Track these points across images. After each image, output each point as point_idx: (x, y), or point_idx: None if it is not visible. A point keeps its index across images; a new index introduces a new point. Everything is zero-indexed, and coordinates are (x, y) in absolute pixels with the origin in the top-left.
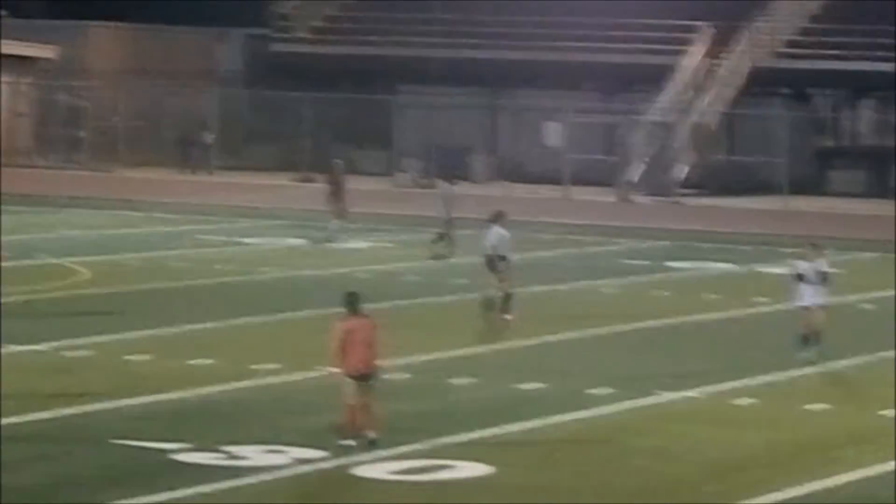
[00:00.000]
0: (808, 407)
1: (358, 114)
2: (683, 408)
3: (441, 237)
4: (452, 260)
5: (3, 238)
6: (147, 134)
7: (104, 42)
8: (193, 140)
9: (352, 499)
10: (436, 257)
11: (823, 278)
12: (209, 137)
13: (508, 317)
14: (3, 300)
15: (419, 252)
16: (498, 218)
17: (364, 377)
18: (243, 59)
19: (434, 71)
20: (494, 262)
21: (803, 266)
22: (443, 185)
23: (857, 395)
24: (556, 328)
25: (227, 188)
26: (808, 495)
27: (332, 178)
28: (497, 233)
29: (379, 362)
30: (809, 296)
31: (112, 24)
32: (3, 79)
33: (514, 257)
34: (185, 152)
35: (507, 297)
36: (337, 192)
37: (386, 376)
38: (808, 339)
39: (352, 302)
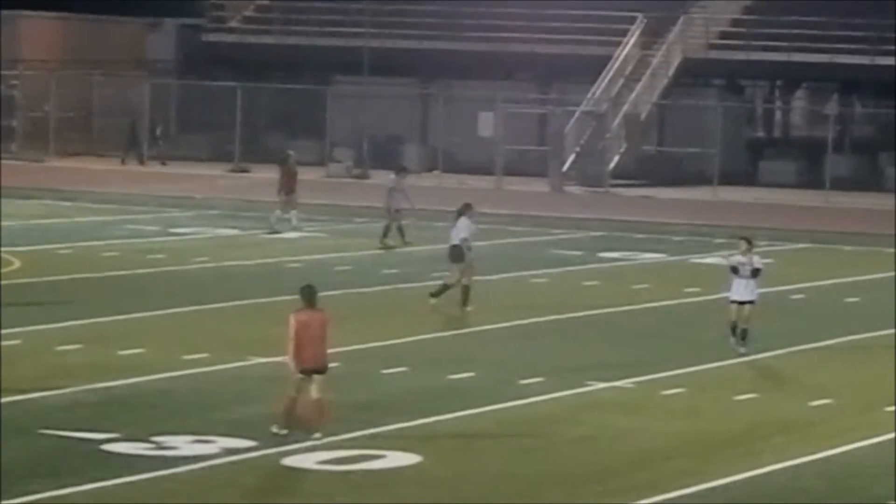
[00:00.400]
0: (737, 397)
1: (291, 104)
2: (614, 398)
3: (388, 229)
4: (390, 250)
5: None
6: (79, 124)
7: (36, 31)
8: (139, 132)
9: (281, 489)
10: (386, 248)
11: (754, 274)
12: (158, 129)
13: (469, 308)
14: None
15: (350, 242)
16: (466, 209)
17: (315, 371)
18: (176, 49)
19: (367, 61)
20: (462, 253)
21: (737, 259)
22: (389, 177)
23: (785, 385)
24: (487, 318)
25: (159, 178)
26: (734, 484)
27: (286, 170)
28: (466, 224)
29: (326, 359)
30: (740, 291)
31: (44, 13)
32: None
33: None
34: (133, 143)
35: (468, 289)
36: (289, 183)
37: None
38: (736, 329)
39: (308, 295)
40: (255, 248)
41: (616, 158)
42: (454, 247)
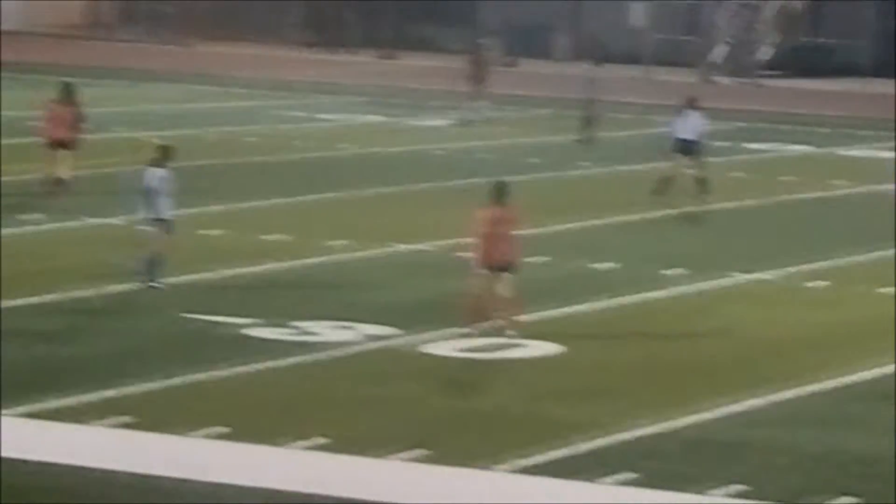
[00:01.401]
0: (881, 290)
1: None
2: (756, 289)
3: (587, 120)
4: (531, 139)
5: (84, 111)
6: (229, 9)
7: None
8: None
9: (420, 376)
10: (585, 140)
11: None
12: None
13: (709, 197)
14: (82, 172)
15: (496, 130)
16: (692, 103)
17: (502, 268)
18: None
19: None
20: (692, 147)
21: None
22: (586, 67)
23: None
24: (632, 209)
25: (306, 64)
26: (876, 376)
27: (476, 59)
28: (696, 118)
29: (515, 255)
30: None
31: None
32: None
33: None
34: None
35: (703, 181)
36: (479, 73)
37: (458, 253)
38: None
39: (499, 191)
40: (400, 136)
41: (768, 50)
42: (682, 140)
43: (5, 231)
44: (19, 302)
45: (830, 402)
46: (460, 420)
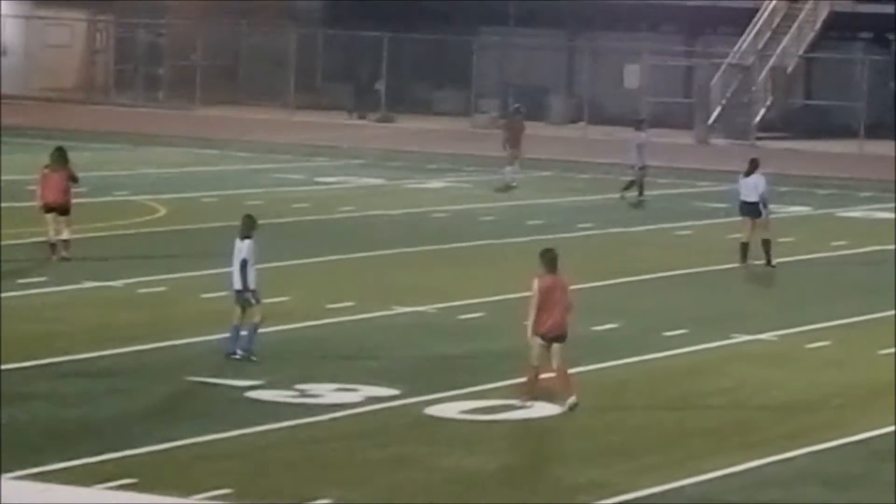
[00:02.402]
0: (882, 351)
1: (437, 54)
2: (758, 350)
3: (631, 184)
4: (530, 201)
5: (81, 174)
6: (225, 72)
7: None
8: (364, 86)
9: (423, 437)
10: (628, 201)
11: None
12: (380, 84)
13: (773, 264)
14: (81, 236)
15: (496, 193)
16: (755, 167)
17: (555, 339)
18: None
19: (513, 12)
20: (758, 209)
21: None
22: (635, 133)
23: None
24: (631, 270)
25: (305, 127)
26: (878, 437)
27: (511, 124)
28: (760, 180)
29: (566, 324)
30: None
31: None
32: (81, 16)
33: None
34: (357, 98)
35: (769, 243)
36: (514, 137)
37: (461, 316)
38: None
39: (549, 260)
40: (400, 198)
41: (762, 111)
42: (749, 203)
43: (7, 294)
44: (23, 364)
45: (834, 462)
46: (466, 481)
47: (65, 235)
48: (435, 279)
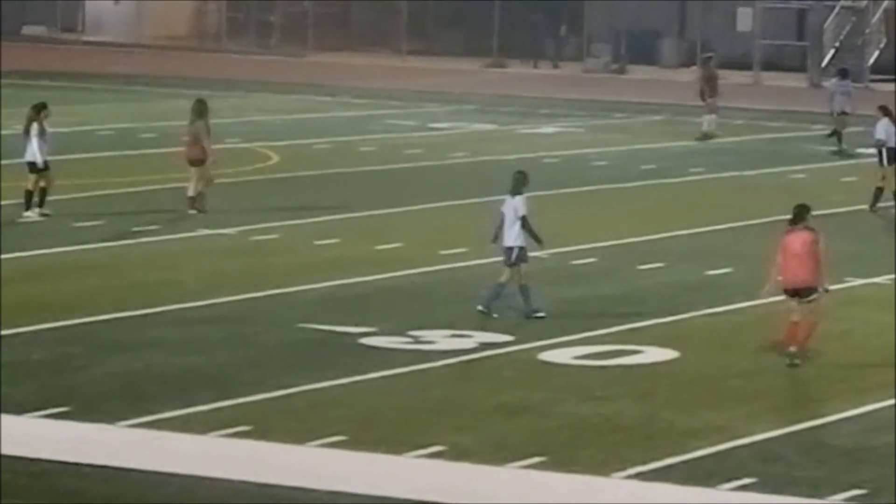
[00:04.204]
0: None
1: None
2: (872, 293)
3: (834, 133)
4: (643, 145)
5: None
6: (338, 19)
7: None
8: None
9: (537, 383)
10: (840, 153)
11: None
12: (563, 30)
13: (878, 206)
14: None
15: (608, 137)
16: (887, 111)
17: (796, 292)
18: None
19: None
20: (885, 155)
21: None
22: (833, 81)
23: None
24: (744, 214)
25: (417, 73)
26: None
27: (706, 72)
28: (887, 126)
29: (817, 278)
30: None
31: None
32: None
33: None
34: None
35: (880, 191)
36: (710, 86)
37: (574, 261)
38: None
39: (797, 213)
40: (512, 143)
41: (876, 53)
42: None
43: (122, 243)
44: (139, 312)
45: None
46: (578, 427)
47: (196, 187)
48: (548, 224)
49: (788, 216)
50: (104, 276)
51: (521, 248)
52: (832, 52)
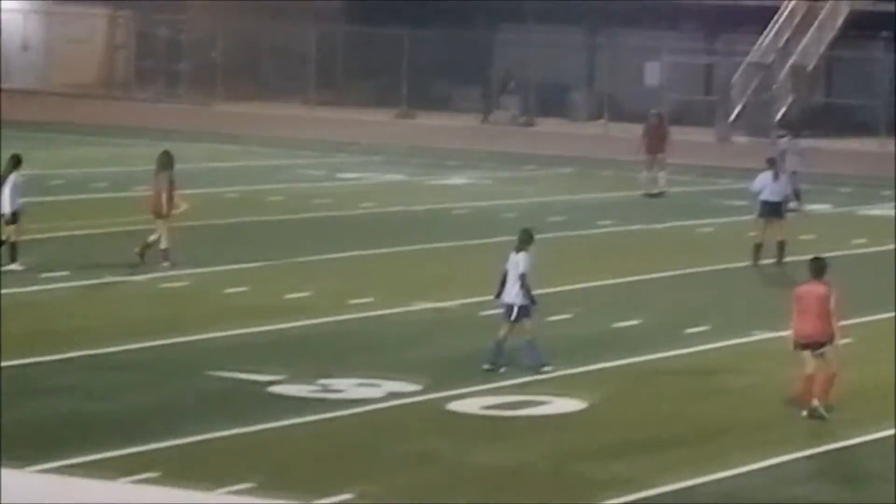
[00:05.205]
0: None
1: (457, 51)
2: (779, 347)
3: (797, 194)
4: (551, 198)
5: (102, 170)
6: (246, 68)
7: None
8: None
9: (445, 433)
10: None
11: None
12: (511, 84)
13: (785, 261)
14: (101, 231)
15: (516, 189)
16: (773, 164)
17: (810, 345)
18: None
19: (534, 9)
20: (781, 209)
21: None
22: (785, 140)
23: None
24: (653, 267)
25: (326, 123)
26: None
27: (654, 128)
28: (767, 179)
29: (831, 330)
30: None
31: None
32: (102, 11)
33: None
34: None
35: (783, 245)
36: (657, 143)
37: (483, 312)
38: None
39: (813, 268)
40: (421, 194)
41: (783, 109)
42: (771, 203)
43: (34, 288)
44: (48, 358)
45: (855, 460)
46: (486, 478)
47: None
48: (456, 275)
49: (696, 269)
50: (14, 321)
51: (522, 307)
52: (739, 106)
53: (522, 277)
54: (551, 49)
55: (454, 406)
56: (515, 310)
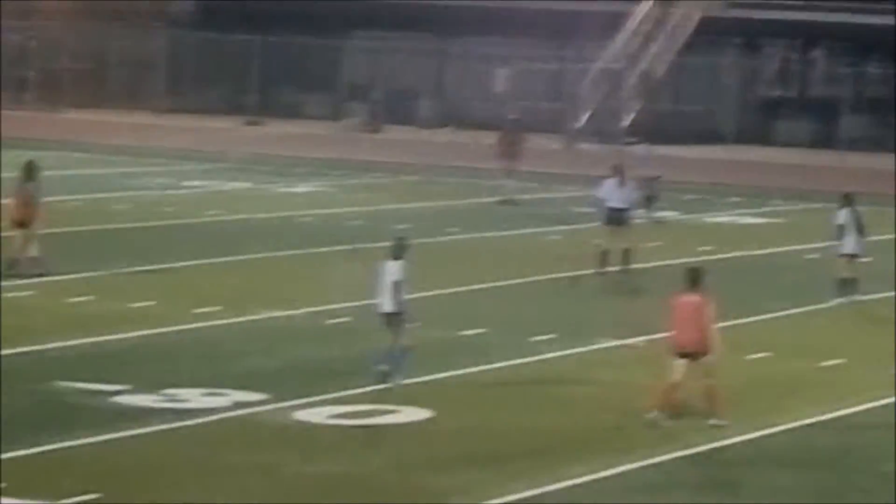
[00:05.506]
0: (749, 356)
1: (306, 58)
2: (624, 355)
3: (650, 199)
4: (398, 206)
5: None
6: (94, 75)
7: None
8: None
9: (290, 443)
10: (656, 221)
11: (861, 228)
12: (377, 94)
13: (631, 267)
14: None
15: (362, 197)
16: (618, 171)
17: (688, 355)
18: (193, 2)
19: (383, 16)
20: (627, 216)
21: (843, 216)
22: (639, 147)
23: (798, 345)
24: (498, 275)
25: (173, 131)
26: (744, 442)
27: (507, 136)
28: (613, 186)
29: (710, 341)
30: (851, 245)
31: None
32: None
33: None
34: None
35: (628, 252)
36: (513, 150)
37: (329, 321)
38: (847, 283)
39: (689, 278)
40: (267, 202)
41: (631, 116)
42: (618, 210)
43: None
44: None
45: (702, 467)
46: (334, 487)
47: (28, 249)
48: (302, 283)
49: (543, 277)
50: None
51: (395, 314)
52: (588, 113)
53: (396, 285)
54: (400, 56)
55: (301, 415)
56: (392, 317)
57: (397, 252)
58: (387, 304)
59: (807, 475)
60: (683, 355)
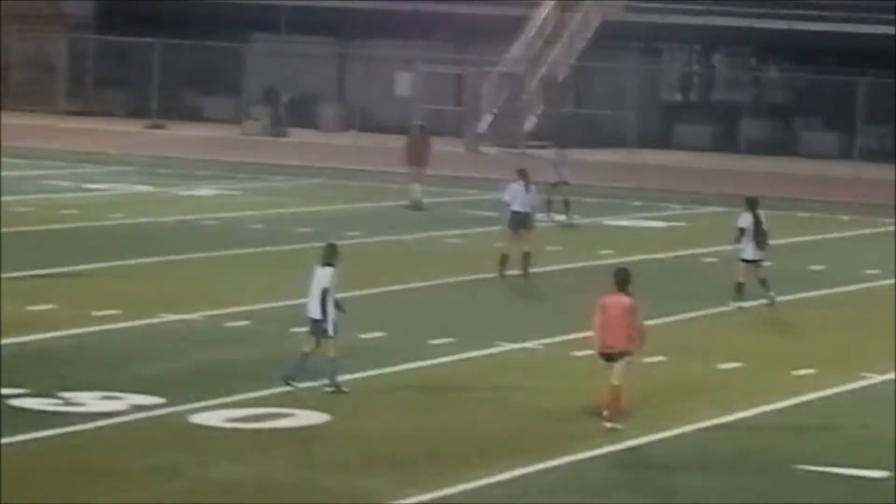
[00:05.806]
0: (647, 360)
1: (208, 61)
2: (523, 359)
3: (566, 203)
4: (300, 209)
5: None
6: None
7: None
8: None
9: (188, 446)
10: (566, 224)
11: (763, 232)
12: (286, 97)
13: (530, 272)
14: None
15: (265, 200)
16: (523, 175)
17: (608, 357)
18: (93, 5)
19: (285, 19)
20: (530, 220)
21: (746, 220)
22: (555, 151)
23: (695, 348)
24: (400, 278)
25: (75, 133)
26: (642, 446)
27: (414, 141)
28: (516, 189)
29: (638, 342)
30: (751, 250)
31: None
32: None
33: None
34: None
35: (528, 256)
36: (420, 156)
37: (228, 324)
38: (743, 288)
39: (617, 279)
40: (169, 206)
41: (533, 120)
42: (523, 213)
43: None
44: None
45: (599, 469)
46: (231, 491)
47: None
48: (202, 286)
49: (443, 280)
50: None
51: (320, 321)
52: (490, 117)
53: (325, 292)
54: (302, 58)
55: (198, 419)
56: (319, 325)
57: (327, 258)
58: (314, 310)
59: (708, 478)
60: (608, 357)
